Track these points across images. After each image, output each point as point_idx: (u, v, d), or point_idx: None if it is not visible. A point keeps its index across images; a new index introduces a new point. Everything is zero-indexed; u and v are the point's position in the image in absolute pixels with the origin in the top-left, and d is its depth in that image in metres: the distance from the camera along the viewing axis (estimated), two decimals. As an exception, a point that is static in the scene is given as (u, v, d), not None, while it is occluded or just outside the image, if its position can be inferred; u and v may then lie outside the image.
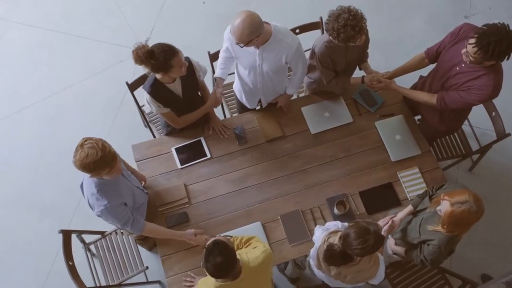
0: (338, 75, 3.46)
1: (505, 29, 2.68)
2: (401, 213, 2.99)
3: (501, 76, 2.90)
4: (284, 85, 3.49)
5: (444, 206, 2.47)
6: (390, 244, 3.13)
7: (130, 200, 2.91)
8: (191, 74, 3.16)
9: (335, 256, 2.52)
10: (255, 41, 2.89)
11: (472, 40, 2.70)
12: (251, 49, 3.05)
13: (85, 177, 2.75)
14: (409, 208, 2.97)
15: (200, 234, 3.11)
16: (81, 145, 2.49)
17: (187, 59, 3.12)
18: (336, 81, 3.44)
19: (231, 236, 2.83)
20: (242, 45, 2.89)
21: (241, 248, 2.72)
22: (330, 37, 3.03)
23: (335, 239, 2.60)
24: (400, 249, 3.04)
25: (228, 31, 3.10)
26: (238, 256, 2.46)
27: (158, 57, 2.80)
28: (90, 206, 2.77)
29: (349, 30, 2.88)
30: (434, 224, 2.66)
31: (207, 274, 2.38)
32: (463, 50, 2.83)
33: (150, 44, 2.84)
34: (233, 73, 3.55)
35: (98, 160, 2.46)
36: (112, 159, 2.54)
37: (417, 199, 2.98)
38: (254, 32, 2.82)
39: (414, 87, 3.59)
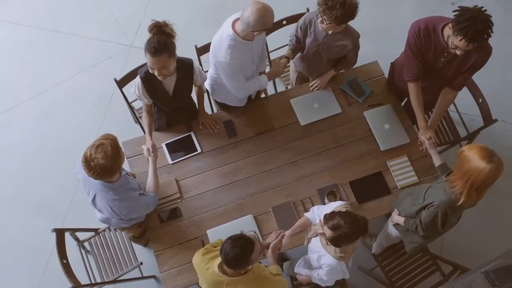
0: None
1: (477, 11, 2.70)
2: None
3: None
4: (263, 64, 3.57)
5: (475, 164, 2.43)
6: (393, 214, 3.15)
7: (140, 189, 3.00)
8: (187, 77, 3.16)
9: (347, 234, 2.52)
10: None
11: (460, 37, 2.70)
12: (248, 48, 3.07)
13: (96, 190, 2.80)
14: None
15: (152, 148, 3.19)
16: (93, 158, 2.56)
17: (190, 61, 3.13)
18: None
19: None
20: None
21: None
22: (321, 15, 3.08)
23: (332, 247, 2.65)
24: (401, 219, 3.06)
25: (228, 63, 3.06)
26: (255, 264, 2.54)
27: (149, 41, 2.82)
28: (115, 213, 2.83)
29: (347, 7, 2.94)
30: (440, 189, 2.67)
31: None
32: (460, 52, 2.82)
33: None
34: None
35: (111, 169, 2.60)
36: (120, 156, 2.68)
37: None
38: None
39: (392, 73, 3.60)
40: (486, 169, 2.40)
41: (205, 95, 3.64)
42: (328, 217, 2.52)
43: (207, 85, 3.53)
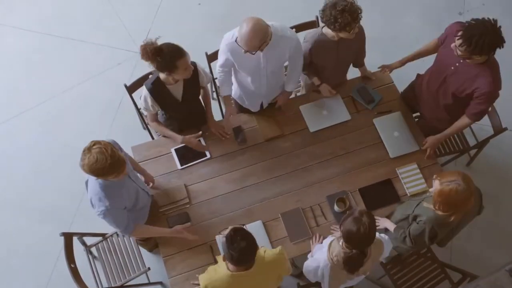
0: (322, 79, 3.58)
1: (490, 24, 2.76)
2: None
3: (497, 69, 2.97)
4: (282, 82, 3.52)
5: (434, 185, 2.56)
6: (385, 219, 3.17)
7: (132, 202, 2.93)
8: (194, 79, 3.18)
9: (356, 260, 2.52)
10: (264, 45, 2.90)
11: (458, 33, 2.80)
12: (248, 54, 3.05)
13: (90, 176, 2.75)
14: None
15: (188, 229, 3.13)
16: (89, 149, 2.49)
17: (193, 63, 3.14)
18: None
19: (244, 225, 2.76)
20: (254, 52, 2.91)
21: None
22: (324, 28, 3.08)
23: (338, 247, 2.63)
24: (392, 226, 3.07)
25: (226, 44, 3.08)
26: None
27: (165, 56, 2.83)
28: (92, 204, 2.79)
29: (346, 15, 2.93)
30: (430, 202, 2.70)
31: (228, 262, 2.43)
32: (452, 45, 2.90)
33: (160, 42, 2.88)
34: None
35: (107, 166, 2.48)
36: (121, 165, 2.56)
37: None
38: (264, 38, 2.85)
39: (412, 86, 3.63)
40: (451, 192, 2.47)
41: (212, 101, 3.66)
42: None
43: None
